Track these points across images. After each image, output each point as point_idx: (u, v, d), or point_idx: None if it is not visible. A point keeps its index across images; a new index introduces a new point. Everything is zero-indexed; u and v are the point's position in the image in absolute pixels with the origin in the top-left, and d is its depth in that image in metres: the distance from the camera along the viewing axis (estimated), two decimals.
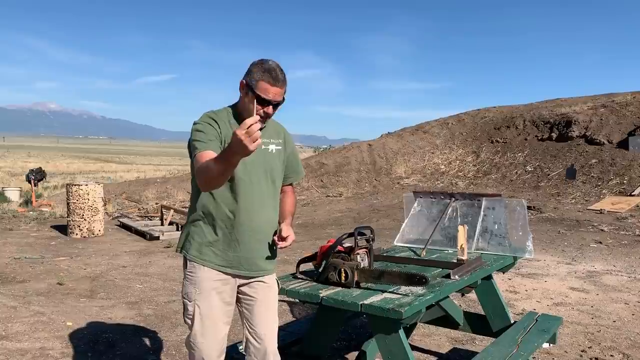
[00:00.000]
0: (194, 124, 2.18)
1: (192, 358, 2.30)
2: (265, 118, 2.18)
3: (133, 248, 8.30)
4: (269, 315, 2.34)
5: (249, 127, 1.72)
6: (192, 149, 2.13)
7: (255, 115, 1.82)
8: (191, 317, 2.25)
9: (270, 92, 2.11)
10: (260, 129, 1.77)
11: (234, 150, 1.78)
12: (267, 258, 2.31)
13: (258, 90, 2.10)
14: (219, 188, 2.12)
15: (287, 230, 2.26)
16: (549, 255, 7.35)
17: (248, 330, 2.34)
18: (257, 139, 1.74)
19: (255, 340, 2.31)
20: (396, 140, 18.77)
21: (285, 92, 2.17)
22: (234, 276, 2.27)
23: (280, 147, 2.34)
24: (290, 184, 2.50)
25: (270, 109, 2.16)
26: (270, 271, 2.36)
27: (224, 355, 2.34)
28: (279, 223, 2.36)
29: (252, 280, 2.31)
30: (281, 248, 2.27)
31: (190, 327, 2.26)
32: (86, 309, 4.85)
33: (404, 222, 3.60)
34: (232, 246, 2.22)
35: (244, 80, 2.15)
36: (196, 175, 2.09)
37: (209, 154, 2.03)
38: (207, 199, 2.22)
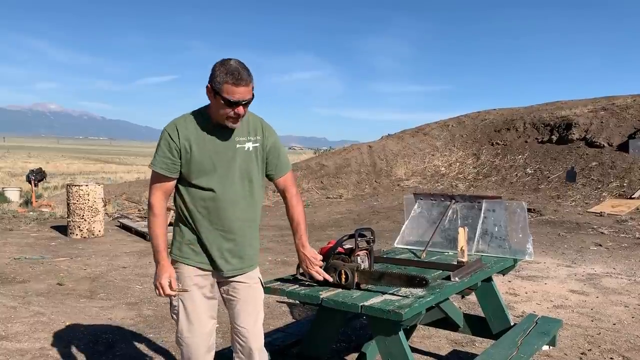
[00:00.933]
0: (163, 130, 2.24)
1: (182, 355, 2.37)
2: (238, 117, 2.18)
3: (133, 249, 8.30)
4: (251, 313, 2.37)
5: (165, 293, 2.23)
6: (154, 153, 2.25)
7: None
8: (177, 312, 2.33)
9: (236, 93, 2.11)
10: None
11: (156, 264, 2.26)
12: (243, 257, 2.33)
13: (224, 94, 2.10)
14: (194, 184, 2.23)
15: (306, 256, 2.42)
16: (549, 257, 7.35)
17: (233, 329, 2.39)
18: (162, 292, 2.24)
19: (240, 338, 2.36)
20: (396, 142, 18.77)
21: (253, 88, 2.17)
22: (214, 274, 2.33)
23: (257, 145, 2.32)
24: (290, 176, 2.46)
25: (240, 108, 2.15)
26: (248, 269, 2.37)
27: (213, 351, 2.39)
28: (294, 241, 2.43)
29: (232, 280, 2.35)
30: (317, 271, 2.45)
31: (177, 322, 2.34)
32: (86, 309, 4.85)
33: (404, 224, 3.60)
34: (208, 245, 2.27)
35: (209, 85, 2.14)
36: (149, 191, 2.30)
37: (160, 187, 2.25)
38: (184, 199, 2.27)
